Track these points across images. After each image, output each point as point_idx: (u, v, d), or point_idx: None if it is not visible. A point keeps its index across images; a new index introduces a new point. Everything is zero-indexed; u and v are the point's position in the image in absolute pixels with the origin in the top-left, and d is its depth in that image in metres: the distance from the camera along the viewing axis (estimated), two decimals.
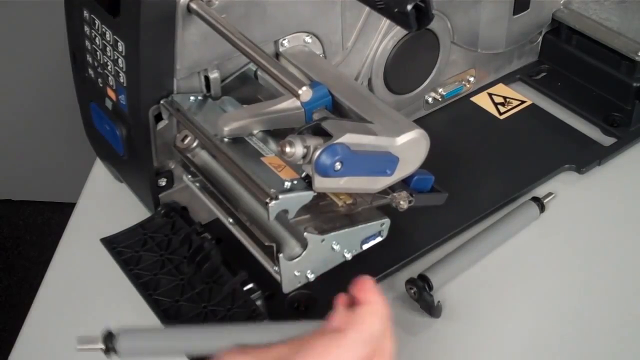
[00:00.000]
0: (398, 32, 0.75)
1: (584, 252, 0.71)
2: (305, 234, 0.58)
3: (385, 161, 0.58)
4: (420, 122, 0.63)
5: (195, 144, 0.65)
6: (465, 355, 0.63)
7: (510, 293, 0.68)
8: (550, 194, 0.76)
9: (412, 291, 0.66)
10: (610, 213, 0.75)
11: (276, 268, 0.59)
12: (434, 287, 0.66)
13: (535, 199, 0.74)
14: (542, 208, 0.74)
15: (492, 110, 0.87)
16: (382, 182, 0.60)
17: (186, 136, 0.65)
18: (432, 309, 0.65)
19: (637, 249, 0.71)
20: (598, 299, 0.67)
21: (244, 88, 0.68)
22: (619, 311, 0.66)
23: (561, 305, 0.66)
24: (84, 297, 0.69)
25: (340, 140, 0.55)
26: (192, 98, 0.65)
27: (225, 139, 0.60)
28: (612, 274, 0.69)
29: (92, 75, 0.68)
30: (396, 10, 0.53)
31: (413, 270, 0.68)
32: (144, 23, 0.59)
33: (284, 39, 0.68)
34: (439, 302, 0.65)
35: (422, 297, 0.65)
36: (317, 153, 0.54)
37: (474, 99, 0.89)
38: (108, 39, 0.63)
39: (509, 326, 0.65)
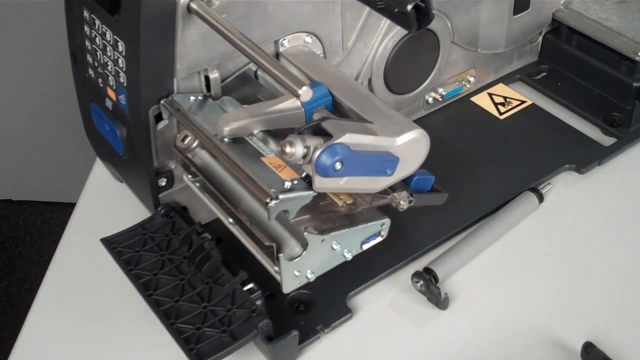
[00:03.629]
0: (398, 32, 0.75)
1: (584, 251, 0.71)
2: (305, 234, 0.58)
3: (385, 161, 0.58)
4: (420, 122, 0.63)
5: (195, 144, 0.65)
6: (472, 345, 0.63)
7: (513, 284, 0.68)
8: (548, 183, 0.76)
9: (419, 284, 0.66)
10: (610, 213, 0.75)
11: (276, 268, 0.59)
12: (439, 280, 0.67)
13: (533, 190, 0.75)
14: (540, 198, 0.74)
15: (492, 110, 0.87)
16: (382, 182, 0.60)
17: (186, 136, 0.65)
18: (439, 301, 0.65)
19: (636, 249, 0.71)
20: (600, 299, 0.67)
21: (244, 88, 0.68)
22: (619, 310, 0.66)
23: (564, 296, 0.67)
24: (84, 297, 0.69)
25: (340, 140, 0.55)
26: (192, 98, 0.65)
27: (225, 139, 0.60)
28: (612, 274, 0.69)
29: (92, 75, 0.68)
30: (396, 10, 0.53)
31: (412, 270, 0.68)
32: (144, 23, 0.59)
33: (284, 39, 0.68)
34: (446, 294, 0.65)
35: (429, 289, 0.65)
36: (317, 153, 0.54)
37: (474, 99, 0.89)
38: (108, 38, 0.63)
39: (514, 316, 0.65)
